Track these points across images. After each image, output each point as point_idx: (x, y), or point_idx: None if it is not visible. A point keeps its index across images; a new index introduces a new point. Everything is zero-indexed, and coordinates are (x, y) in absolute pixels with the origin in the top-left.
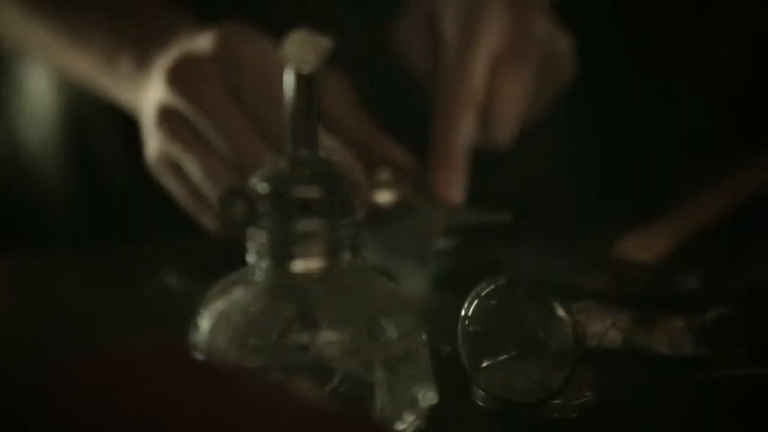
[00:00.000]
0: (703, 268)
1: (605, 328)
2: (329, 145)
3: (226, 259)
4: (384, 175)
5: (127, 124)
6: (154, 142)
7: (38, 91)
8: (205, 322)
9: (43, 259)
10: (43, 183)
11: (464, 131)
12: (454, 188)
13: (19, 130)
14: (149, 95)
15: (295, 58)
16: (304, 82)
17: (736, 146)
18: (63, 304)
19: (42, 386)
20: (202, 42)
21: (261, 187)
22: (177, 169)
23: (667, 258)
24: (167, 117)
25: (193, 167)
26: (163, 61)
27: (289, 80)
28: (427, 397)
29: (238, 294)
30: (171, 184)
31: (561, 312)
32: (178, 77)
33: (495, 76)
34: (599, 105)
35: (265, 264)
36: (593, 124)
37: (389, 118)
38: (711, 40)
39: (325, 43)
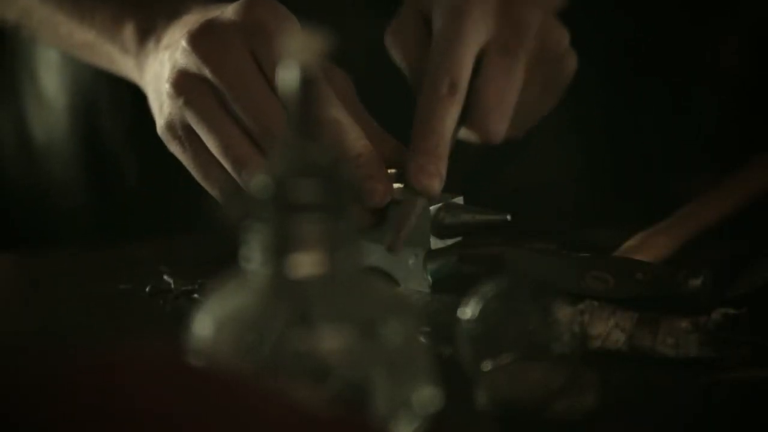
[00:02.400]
0: (707, 269)
1: (608, 329)
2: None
3: (224, 259)
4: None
5: (137, 120)
6: (165, 108)
7: (50, 86)
8: (202, 323)
9: (43, 257)
10: (52, 177)
11: (447, 122)
12: (433, 179)
13: (30, 124)
14: (154, 65)
15: (297, 54)
16: (305, 78)
17: (739, 146)
18: (62, 303)
19: (41, 388)
20: (229, 10)
21: (260, 186)
22: (189, 136)
23: (672, 259)
24: (185, 82)
25: (210, 135)
26: (182, 28)
27: (289, 76)
28: (427, 399)
29: (236, 294)
30: (180, 152)
31: (563, 313)
32: (201, 41)
33: (482, 68)
34: (603, 105)
35: (263, 264)
36: (597, 124)
37: (391, 119)
38: (715, 41)
39: (325, 39)
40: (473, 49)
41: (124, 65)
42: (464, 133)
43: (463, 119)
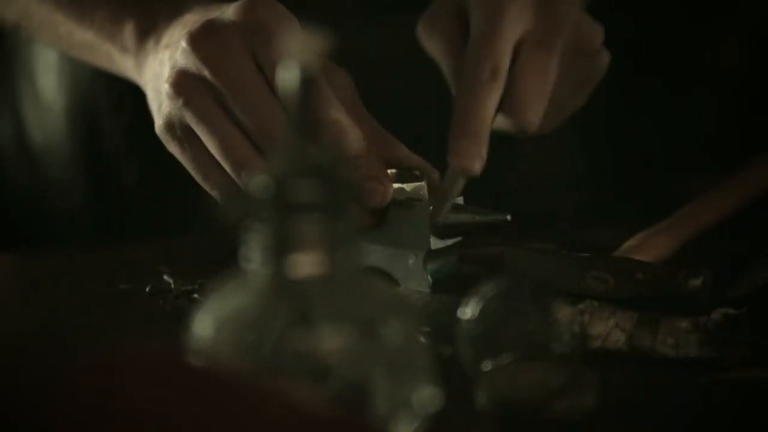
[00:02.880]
0: (707, 269)
1: (608, 329)
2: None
3: (224, 259)
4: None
5: (136, 120)
6: (164, 108)
7: (48, 87)
8: (202, 323)
9: (42, 258)
10: (51, 178)
11: (489, 106)
12: (474, 160)
13: (28, 125)
14: (154, 64)
15: (297, 54)
16: (304, 78)
17: (739, 146)
18: (62, 303)
19: (42, 388)
20: (229, 10)
21: (260, 186)
22: (188, 137)
23: (672, 259)
24: (185, 82)
25: (209, 136)
26: (182, 27)
27: (289, 76)
28: (427, 399)
29: (236, 294)
30: (179, 153)
31: (563, 313)
32: (201, 42)
33: (519, 59)
34: (603, 105)
35: (263, 264)
36: (597, 124)
37: (392, 118)
38: (715, 41)
39: (325, 39)
40: (512, 40)
41: (124, 64)
42: (499, 123)
43: (499, 108)
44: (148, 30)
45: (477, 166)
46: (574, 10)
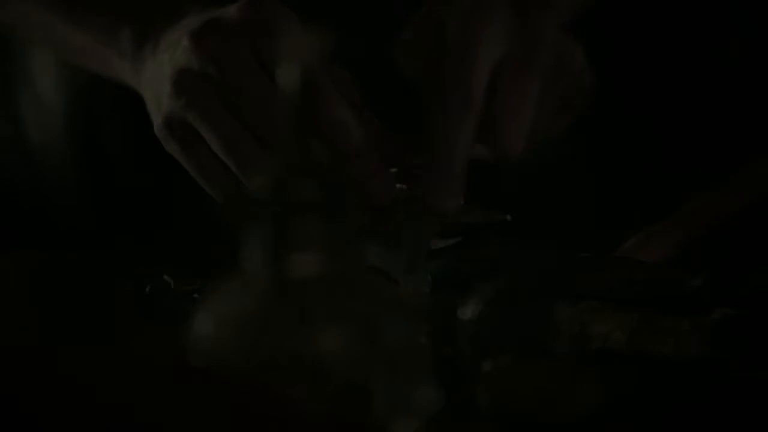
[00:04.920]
0: (707, 269)
1: (608, 329)
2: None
3: (224, 259)
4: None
5: (134, 120)
6: (164, 108)
7: (46, 86)
8: (202, 323)
9: (42, 258)
10: (49, 178)
11: (463, 141)
12: (452, 200)
13: (26, 124)
14: (152, 68)
15: (298, 54)
16: (305, 78)
17: (739, 146)
18: (62, 302)
19: (40, 388)
20: (231, 9)
21: (260, 186)
22: (188, 136)
23: (672, 259)
24: (187, 81)
25: (213, 134)
26: (181, 31)
27: (290, 76)
28: (427, 399)
29: (236, 294)
30: (179, 152)
31: (563, 313)
32: (204, 40)
33: (498, 84)
34: (602, 104)
35: (263, 264)
36: (596, 124)
37: (392, 117)
38: (715, 41)
39: (327, 38)
40: (488, 65)
41: (121, 69)
42: (480, 151)
43: (479, 136)
44: (147, 34)
45: (456, 205)
46: (551, 31)
